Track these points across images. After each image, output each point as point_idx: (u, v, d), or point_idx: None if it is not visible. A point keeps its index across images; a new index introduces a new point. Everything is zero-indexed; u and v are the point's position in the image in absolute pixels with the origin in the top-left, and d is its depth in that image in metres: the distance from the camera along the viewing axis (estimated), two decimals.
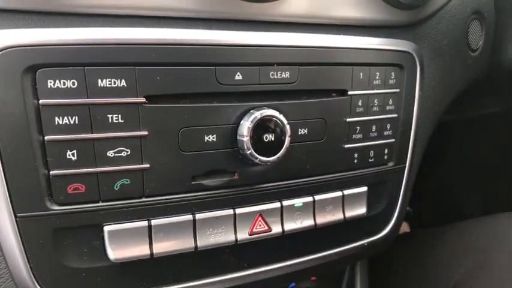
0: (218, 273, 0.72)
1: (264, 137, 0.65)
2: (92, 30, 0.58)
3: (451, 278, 1.04)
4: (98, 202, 0.61)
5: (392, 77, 0.80)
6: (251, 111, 0.66)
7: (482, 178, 1.68)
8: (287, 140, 0.67)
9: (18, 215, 0.58)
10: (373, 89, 0.77)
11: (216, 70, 0.64)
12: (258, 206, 0.71)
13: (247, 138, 0.64)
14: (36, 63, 0.55)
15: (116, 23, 0.60)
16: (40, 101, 0.56)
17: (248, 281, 0.75)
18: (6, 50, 0.54)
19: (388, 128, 0.81)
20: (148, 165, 0.62)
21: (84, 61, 0.57)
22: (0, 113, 0.55)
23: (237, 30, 0.66)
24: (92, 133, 0.58)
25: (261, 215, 0.71)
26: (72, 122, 0.57)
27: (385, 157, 0.83)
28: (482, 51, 1.02)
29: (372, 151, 0.80)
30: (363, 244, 0.86)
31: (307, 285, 0.96)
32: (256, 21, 0.68)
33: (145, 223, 0.63)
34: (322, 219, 0.76)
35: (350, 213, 0.79)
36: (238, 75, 0.65)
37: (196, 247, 0.66)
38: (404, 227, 1.88)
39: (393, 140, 0.83)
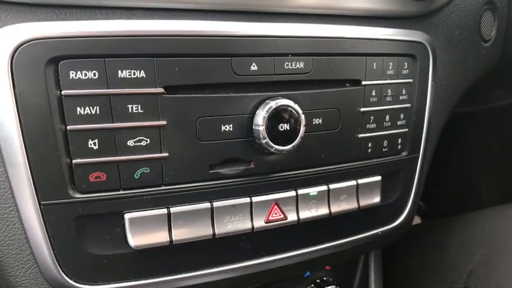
0: (235, 261, 0.73)
1: (279, 127, 0.66)
2: (112, 22, 0.60)
3: (466, 266, 1.04)
4: (118, 190, 0.62)
5: (405, 67, 0.80)
6: (266, 101, 0.67)
7: (494, 169, 1.68)
8: (302, 129, 0.68)
9: (42, 202, 0.59)
10: (386, 79, 0.78)
11: (232, 61, 0.65)
12: (274, 195, 0.72)
13: (263, 127, 0.66)
14: (59, 55, 0.57)
15: (134, 15, 0.62)
16: (62, 92, 0.57)
17: (264, 269, 0.76)
18: (30, 43, 0.56)
19: (402, 117, 0.82)
20: (167, 154, 0.63)
21: (105, 52, 0.58)
22: (24, 104, 0.56)
23: (252, 21, 0.67)
24: (113, 123, 0.60)
25: (276, 203, 0.72)
26: (93, 112, 0.59)
27: (399, 147, 0.83)
28: (494, 41, 1.02)
29: (385, 140, 0.81)
30: (377, 233, 0.86)
31: (322, 275, 0.97)
32: (271, 12, 0.70)
33: (164, 211, 0.65)
34: (337, 207, 0.77)
35: (364, 202, 0.80)
36: (254, 66, 0.67)
37: (214, 234, 0.68)
38: (415, 220, 1.88)
39: (406, 129, 0.83)
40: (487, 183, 1.73)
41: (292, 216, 0.73)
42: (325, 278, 0.97)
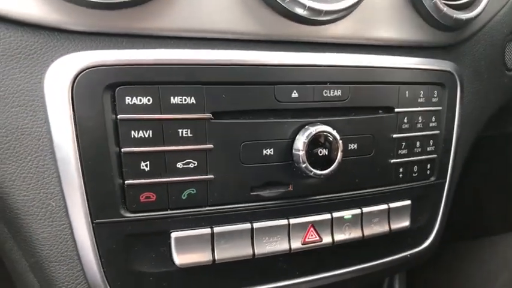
0: (273, 281, 0.76)
1: (318, 152, 0.69)
2: (166, 51, 0.63)
3: None
4: (166, 210, 0.65)
5: (435, 95, 0.83)
6: (306, 126, 0.70)
7: (505, 194, 1.69)
8: (339, 154, 0.71)
9: (94, 221, 0.62)
10: (417, 107, 0.81)
11: (274, 88, 0.68)
12: (310, 217, 0.74)
13: (303, 152, 0.68)
14: (116, 82, 0.60)
15: (185, 45, 0.65)
16: (118, 116, 0.61)
17: None
18: (89, 70, 0.59)
19: (431, 144, 0.85)
20: (212, 176, 0.66)
21: (159, 80, 0.62)
22: (82, 127, 0.60)
23: (293, 51, 0.71)
24: (164, 146, 0.63)
25: (312, 226, 0.74)
26: (146, 136, 0.62)
27: (428, 172, 0.86)
28: None
29: (415, 166, 0.83)
30: (406, 255, 0.88)
31: None
32: (310, 42, 0.73)
33: (208, 230, 0.67)
34: (369, 230, 0.79)
35: (395, 225, 0.82)
36: (295, 93, 0.70)
37: (254, 254, 0.70)
38: None
39: (435, 155, 0.86)
40: (498, 208, 1.74)
41: (327, 239, 0.76)
42: None
